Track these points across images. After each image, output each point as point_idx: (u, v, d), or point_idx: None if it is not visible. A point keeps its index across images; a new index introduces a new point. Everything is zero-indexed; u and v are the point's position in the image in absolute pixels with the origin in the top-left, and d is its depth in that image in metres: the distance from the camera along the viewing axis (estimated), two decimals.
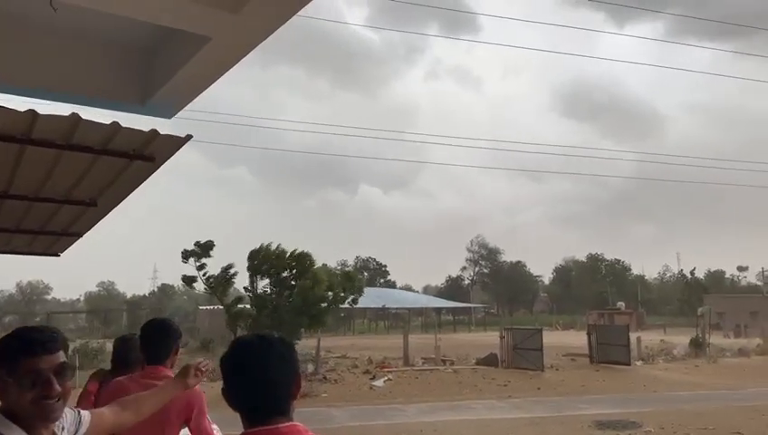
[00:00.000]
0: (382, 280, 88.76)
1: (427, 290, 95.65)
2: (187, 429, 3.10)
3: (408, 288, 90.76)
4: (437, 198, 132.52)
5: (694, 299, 66.46)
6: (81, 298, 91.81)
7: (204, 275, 19.75)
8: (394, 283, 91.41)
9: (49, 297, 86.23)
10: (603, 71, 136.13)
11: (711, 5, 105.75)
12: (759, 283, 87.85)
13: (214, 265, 20.33)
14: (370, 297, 50.94)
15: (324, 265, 21.42)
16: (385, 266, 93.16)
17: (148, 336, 3.16)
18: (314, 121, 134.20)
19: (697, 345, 31.47)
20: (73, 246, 6.10)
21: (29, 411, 1.77)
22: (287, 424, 1.64)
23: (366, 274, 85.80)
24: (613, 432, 13.71)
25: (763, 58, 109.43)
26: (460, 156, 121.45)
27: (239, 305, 20.48)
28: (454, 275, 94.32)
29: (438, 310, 68.89)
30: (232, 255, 21.82)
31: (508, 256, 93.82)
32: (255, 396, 1.63)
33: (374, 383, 21.40)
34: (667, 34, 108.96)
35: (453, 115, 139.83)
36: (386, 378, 22.34)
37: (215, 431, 12.34)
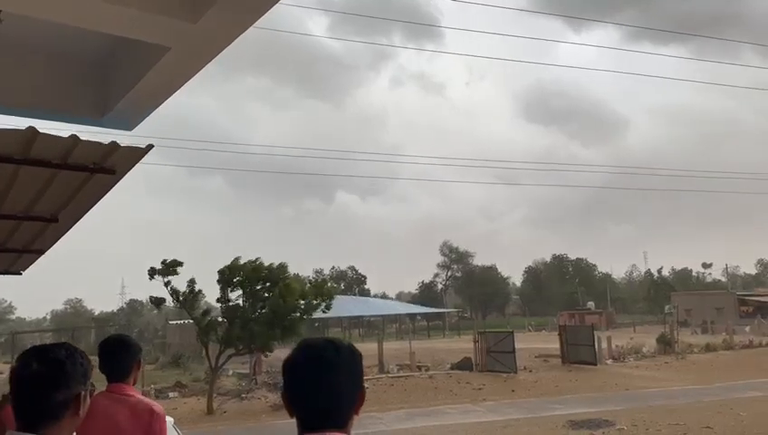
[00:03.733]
0: (357, 288, 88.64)
1: (400, 296, 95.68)
2: None
3: (382, 296, 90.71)
4: (410, 204, 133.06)
5: (661, 297, 67.92)
6: (48, 317, 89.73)
7: (171, 291, 19.39)
8: (368, 291, 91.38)
9: (14, 317, 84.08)
10: (568, 75, 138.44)
11: (662, 9, 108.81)
12: (723, 279, 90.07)
13: (183, 279, 20.03)
14: (345, 306, 50.72)
15: (296, 274, 21.21)
16: (363, 277, 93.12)
17: (107, 353, 3.07)
18: (284, 131, 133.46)
19: (666, 343, 32.05)
20: (38, 263, 5.94)
21: None
22: None
23: (343, 283, 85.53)
24: (587, 432, 13.85)
25: (716, 60, 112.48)
26: (433, 163, 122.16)
27: (208, 318, 20.14)
28: (427, 281, 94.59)
29: (413, 316, 68.93)
30: (206, 266, 21.51)
31: (479, 260, 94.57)
32: (314, 403, 1.53)
33: None
34: (623, 40, 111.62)
35: (420, 120, 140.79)
36: None
37: None
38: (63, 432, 1.65)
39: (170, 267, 18.93)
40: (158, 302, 20.31)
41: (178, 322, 43.53)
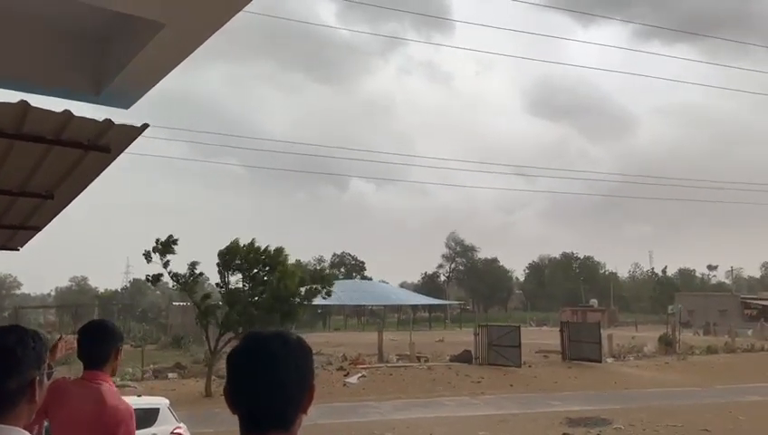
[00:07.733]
0: (358, 275, 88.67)
1: (402, 286, 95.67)
2: None
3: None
4: (421, 194, 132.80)
5: (665, 297, 67.71)
6: (52, 293, 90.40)
7: (170, 273, 19.36)
8: (370, 279, 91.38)
9: (18, 292, 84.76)
10: (576, 71, 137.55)
11: (672, 7, 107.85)
12: (728, 281, 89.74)
13: (185, 261, 20.02)
14: (348, 291, 50.62)
15: (297, 260, 21.18)
16: (362, 263, 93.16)
17: (85, 339, 2.95)
18: (295, 116, 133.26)
19: (667, 343, 31.95)
20: (44, 240, 5.92)
21: None
22: None
23: (342, 269, 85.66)
24: (584, 429, 13.83)
25: (726, 59, 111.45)
26: (443, 153, 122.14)
27: (208, 301, 20.15)
28: (429, 272, 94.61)
29: (414, 307, 68.94)
30: (212, 249, 21.51)
31: (486, 253, 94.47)
32: (256, 400, 1.41)
33: (348, 380, 21.33)
34: (632, 37, 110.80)
35: (429, 109, 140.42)
36: (360, 375, 22.27)
37: (182, 430, 11.84)
38: (20, 420, 1.58)
39: (165, 246, 18.91)
40: (154, 279, 20.20)
41: (181, 303, 43.68)
